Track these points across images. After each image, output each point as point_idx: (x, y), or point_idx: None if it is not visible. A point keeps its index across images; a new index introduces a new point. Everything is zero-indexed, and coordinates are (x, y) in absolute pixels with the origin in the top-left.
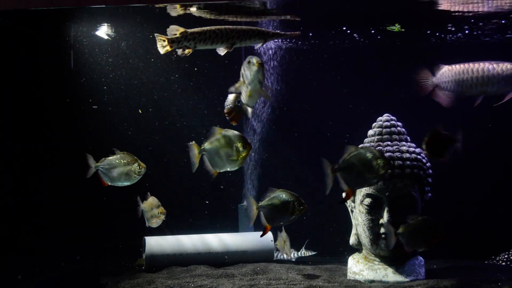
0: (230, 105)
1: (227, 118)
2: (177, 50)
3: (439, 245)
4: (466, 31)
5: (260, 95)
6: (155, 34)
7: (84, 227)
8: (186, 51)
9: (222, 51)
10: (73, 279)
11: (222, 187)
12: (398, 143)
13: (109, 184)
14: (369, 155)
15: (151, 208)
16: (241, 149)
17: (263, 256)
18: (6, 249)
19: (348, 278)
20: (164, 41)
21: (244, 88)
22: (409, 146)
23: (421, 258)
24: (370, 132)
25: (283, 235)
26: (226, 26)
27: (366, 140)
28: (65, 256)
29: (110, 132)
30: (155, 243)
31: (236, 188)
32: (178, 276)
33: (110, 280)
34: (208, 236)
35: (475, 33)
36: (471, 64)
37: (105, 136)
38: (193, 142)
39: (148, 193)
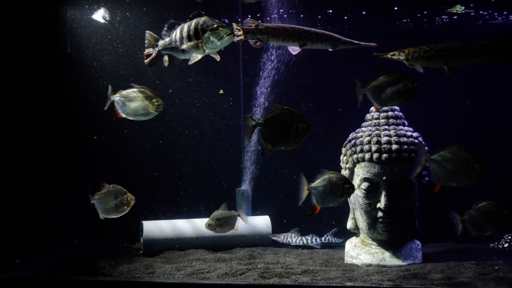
0: (151, 49)
1: (145, 61)
2: (249, 40)
3: (505, 227)
4: None
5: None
6: (233, 24)
7: (81, 210)
8: (258, 43)
9: (294, 50)
10: (70, 262)
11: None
12: (396, 127)
13: (123, 116)
14: (467, 155)
15: (116, 196)
16: (300, 129)
17: (261, 240)
18: (4, 233)
19: (345, 262)
20: (239, 30)
21: (193, 46)
22: (406, 131)
23: (418, 242)
24: (368, 116)
25: (239, 212)
26: (300, 27)
27: (364, 124)
28: (63, 239)
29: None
30: (153, 228)
31: (233, 173)
32: (176, 260)
33: (107, 264)
34: (205, 221)
35: None
36: None
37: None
38: (249, 114)
39: (105, 183)
